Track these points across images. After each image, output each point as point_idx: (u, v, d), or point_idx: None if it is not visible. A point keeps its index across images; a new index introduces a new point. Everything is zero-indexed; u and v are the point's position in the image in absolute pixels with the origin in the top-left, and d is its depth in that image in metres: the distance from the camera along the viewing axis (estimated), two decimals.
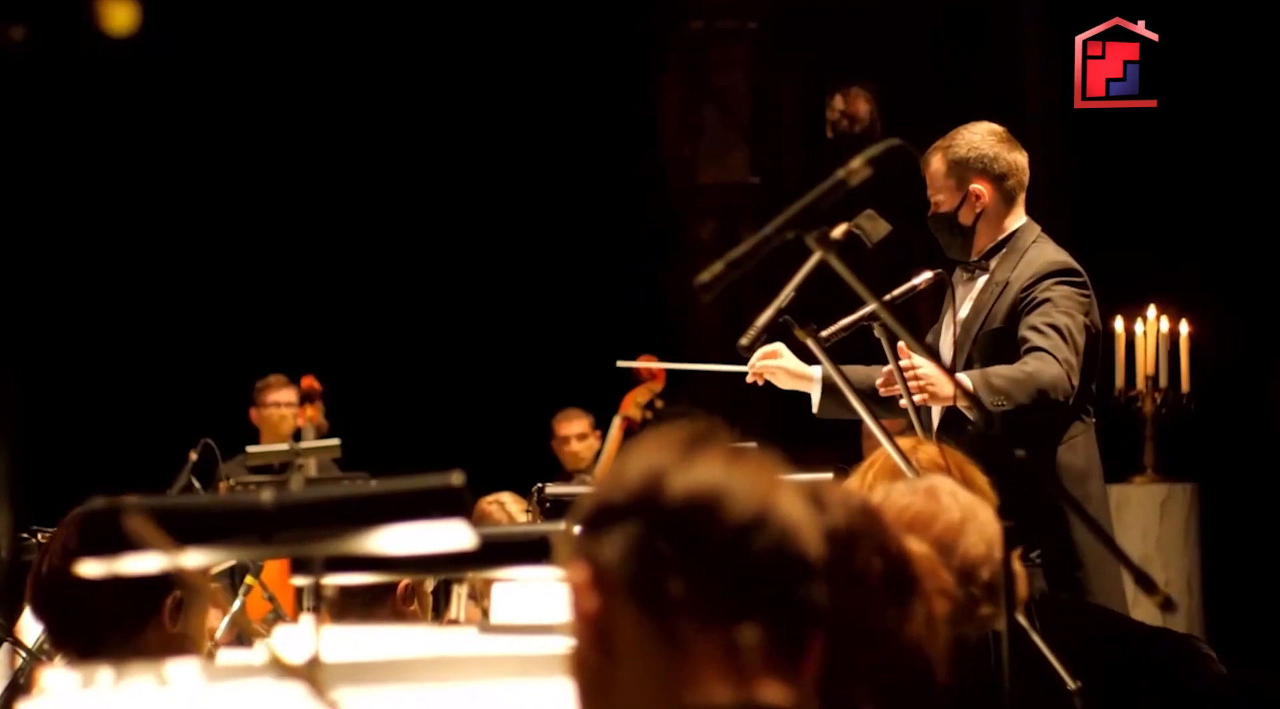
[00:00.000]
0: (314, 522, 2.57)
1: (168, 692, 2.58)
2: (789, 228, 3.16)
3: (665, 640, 1.90)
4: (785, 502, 1.95)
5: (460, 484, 2.56)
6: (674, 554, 1.90)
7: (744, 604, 1.91)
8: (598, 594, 1.94)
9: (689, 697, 1.90)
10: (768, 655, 1.92)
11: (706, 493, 1.92)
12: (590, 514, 1.98)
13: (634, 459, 1.97)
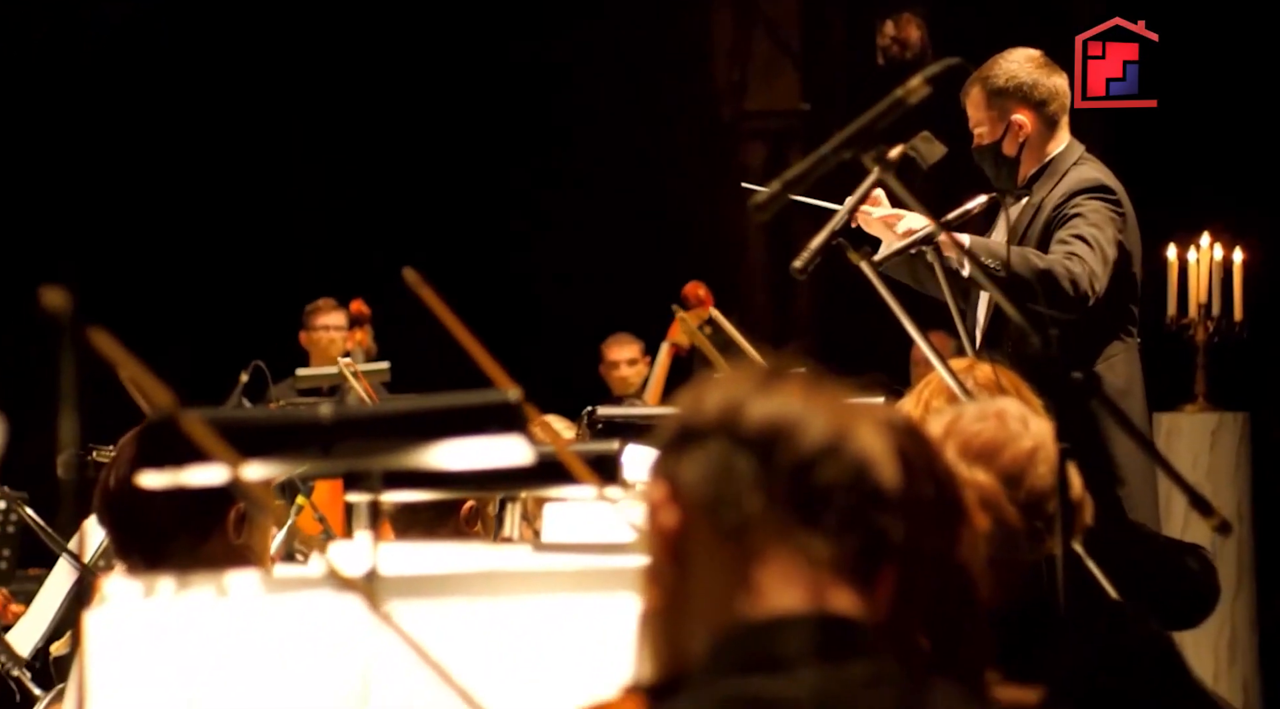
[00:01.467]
0: (371, 435, 2.59)
1: (227, 602, 2.61)
2: (846, 147, 3.15)
3: (738, 554, 1.95)
4: (863, 433, 1.99)
5: (518, 399, 2.57)
6: (751, 473, 1.96)
7: (817, 525, 1.95)
8: (675, 511, 1.99)
9: (760, 605, 1.94)
10: (840, 572, 1.96)
11: (783, 419, 1.97)
12: (671, 435, 2.03)
13: (715, 388, 2.03)
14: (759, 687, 1.89)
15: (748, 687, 1.89)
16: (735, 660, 1.92)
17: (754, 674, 1.90)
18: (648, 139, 11.68)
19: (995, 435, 3.10)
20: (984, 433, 3.09)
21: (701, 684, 1.92)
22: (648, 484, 2.05)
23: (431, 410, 2.60)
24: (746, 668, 1.91)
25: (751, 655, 1.92)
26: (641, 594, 2.04)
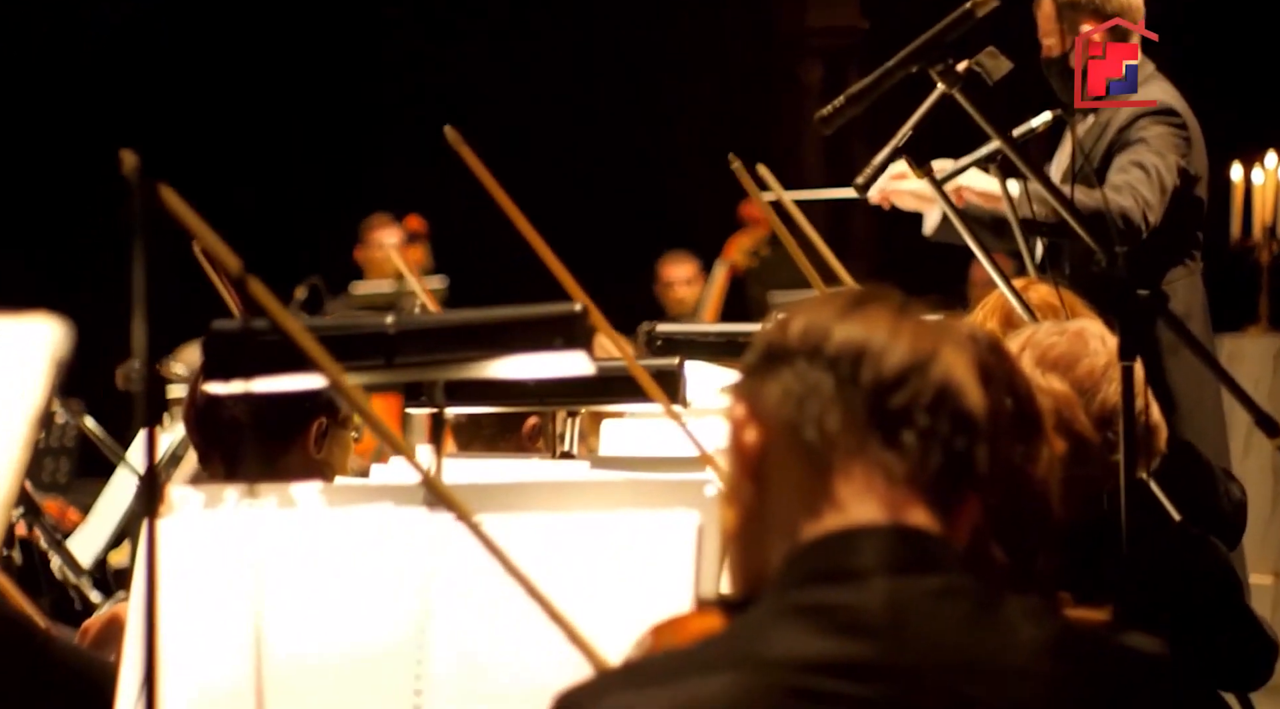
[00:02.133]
0: (435, 347, 2.58)
1: (291, 512, 2.61)
2: (913, 61, 3.11)
3: (816, 470, 1.96)
4: (948, 357, 1.99)
5: (582, 312, 2.56)
6: (832, 390, 1.96)
7: (899, 442, 1.96)
8: (756, 428, 2.00)
9: (834, 519, 1.95)
10: (919, 490, 1.96)
11: (867, 341, 1.98)
12: (755, 357, 2.04)
13: (801, 309, 2.04)
14: (830, 595, 1.90)
15: (818, 595, 1.90)
16: (808, 570, 1.93)
17: (826, 583, 1.91)
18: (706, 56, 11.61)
19: (1071, 348, 3.11)
20: (1060, 345, 3.11)
21: (774, 594, 1.93)
22: (729, 404, 2.05)
23: (495, 322, 2.59)
24: (819, 578, 1.92)
25: (825, 565, 1.92)
26: (724, 513, 2.05)
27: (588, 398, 3.75)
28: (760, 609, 1.92)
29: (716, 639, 1.93)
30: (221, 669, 2.52)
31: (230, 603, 2.56)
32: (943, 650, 1.88)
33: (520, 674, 2.51)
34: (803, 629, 1.88)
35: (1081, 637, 1.97)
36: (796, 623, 1.88)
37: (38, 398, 1.79)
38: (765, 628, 1.89)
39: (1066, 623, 1.99)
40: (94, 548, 5.85)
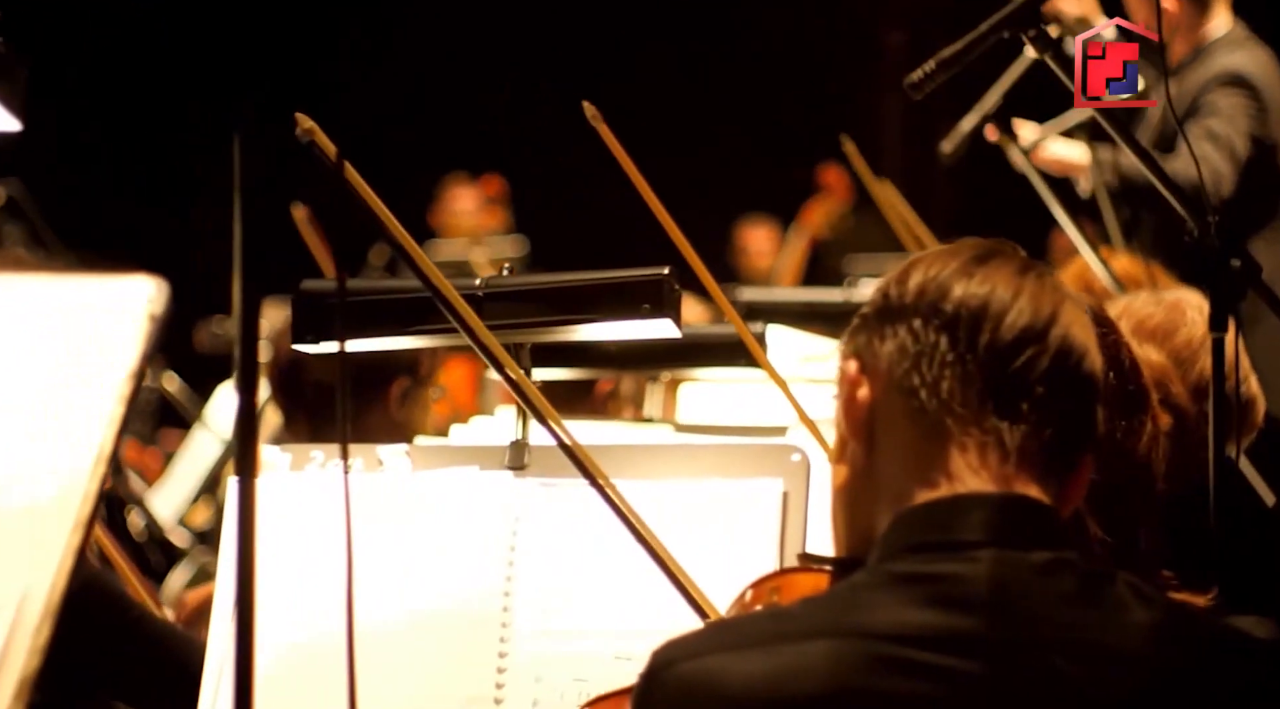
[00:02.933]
0: (524, 309, 2.57)
1: (378, 474, 2.62)
2: (1006, 26, 3.07)
3: (928, 434, 1.92)
4: (1071, 320, 1.95)
5: (670, 277, 2.54)
6: (949, 352, 1.92)
7: (1014, 410, 1.91)
8: (868, 386, 1.96)
9: (944, 486, 1.91)
10: (1034, 461, 1.92)
11: (989, 300, 1.93)
12: (870, 311, 2.00)
13: (920, 264, 1.98)
14: (934, 565, 1.86)
15: (923, 565, 1.87)
16: (914, 538, 1.89)
17: (931, 553, 1.87)
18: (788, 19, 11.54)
19: (1168, 318, 3.07)
20: (1157, 315, 3.07)
21: (879, 560, 1.90)
22: (841, 358, 2.01)
23: (585, 285, 2.58)
24: (925, 547, 1.88)
25: (931, 534, 1.89)
26: (831, 470, 2.01)
27: (670, 363, 3.75)
28: (863, 575, 1.89)
29: (817, 603, 1.90)
30: (308, 630, 2.53)
31: (317, 563, 2.57)
32: (1046, 627, 1.84)
33: (604, 637, 2.51)
34: (905, 599, 1.84)
35: (1190, 621, 1.93)
36: (899, 592, 1.85)
37: (135, 354, 1.79)
38: (867, 596, 1.86)
39: (1175, 606, 1.94)
40: (174, 504, 5.90)
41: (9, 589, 1.72)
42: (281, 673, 2.50)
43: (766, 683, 1.80)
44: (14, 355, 1.85)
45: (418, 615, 2.53)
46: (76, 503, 1.76)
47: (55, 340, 1.84)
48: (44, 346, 1.84)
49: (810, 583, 1.99)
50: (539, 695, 2.48)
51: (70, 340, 1.83)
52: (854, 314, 2.05)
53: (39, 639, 1.69)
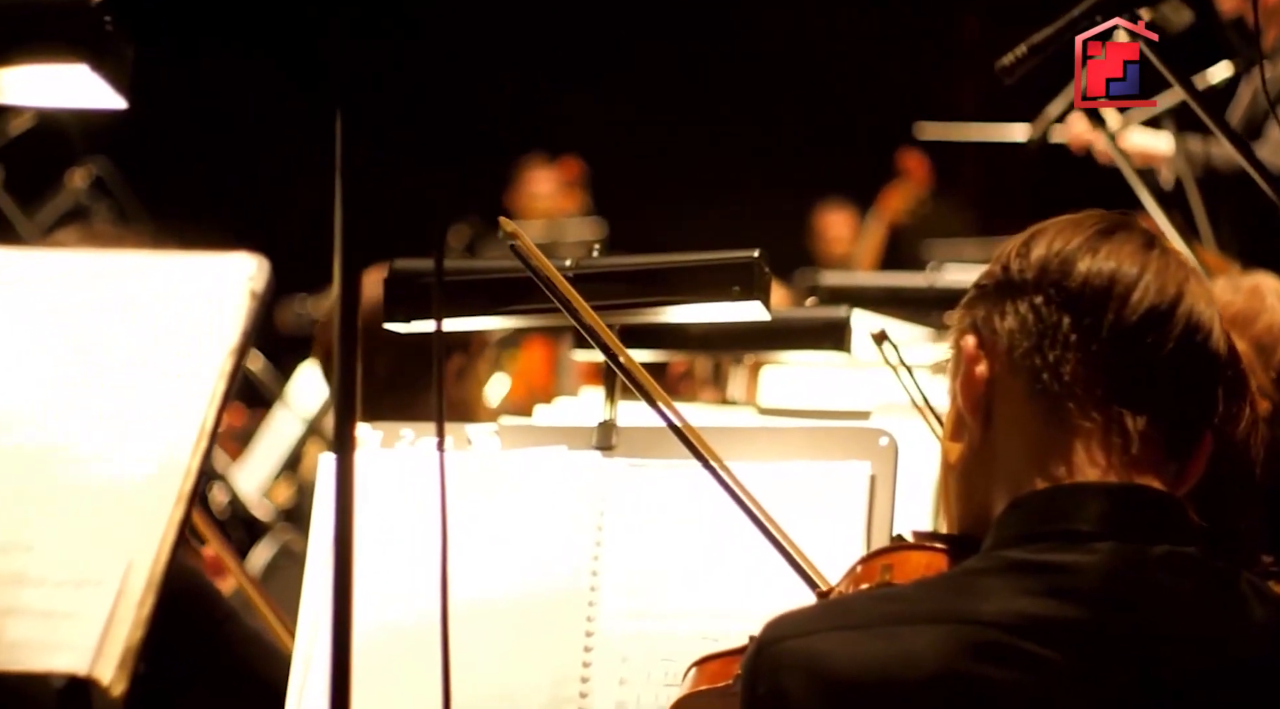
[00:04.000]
0: (613, 290, 2.58)
1: (467, 452, 2.63)
2: (1100, 11, 3.05)
3: (1048, 417, 1.89)
4: (1196, 297, 1.91)
5: (761, 258, 2.54)
6: (1072, 333, 1.89)
7: (1138, 394, 1.88)
8: (987, 363, 1.93)
9: (1063, 473, 1.88)
10: (1156, 447, 1.89)
11: (1114, 278, 1.89)
12: (989, 283, 1.96)
13: (1043, 235, 1.94)
14: (1050, 555, 1.83)
15: (1039, 553, 1.83)
16: (1031, 526, 1.86)
17: (1048, 541, 1.84)
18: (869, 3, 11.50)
19: (1248, 304, 3.05)
20: (1236, 302, 3.05)
21: (994, 546, 1.87)
22: (958, 329, 1.97)
23: (674, 267, 2.58)
24: (1041, 536, 1.85)
25: (1048, 523, 1.85)
26: (945, 445, 1.98)
27: (753, 345, 3.75)
28: (977, 561, 1.87)
29: (929, 587, 1.88)
30: (395, 607, 2.55)
31: (406, 541, 2.58)
32: (1160, 625, 1.81)
33: (691, 617, 2.51)
34: (1018, 588, 1.81)
35: None
36: (1012, 581, 1.82)
37: (238, 331, 1.81)
38: (980, 582, 1.83)
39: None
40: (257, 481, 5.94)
41: (113, 561, 1.75)
42: (371, 649, 2.51)
43: (874, 667, 1.78)
44: (119, 331, 1.87)
45: (505, 594, 2.54)
46: (179, 477, 1.78)
47: (159, 316, 1.86)
48: (148, 322, 1.87)
49: (923, 561, 1.96)
50: (625, 674, 2.49)
51: (174, 317, 1.85)
52: (937, 299, 2.02)
53: (143, 611, 1.72)
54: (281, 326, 7.47)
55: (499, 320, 2.76)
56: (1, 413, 1.85)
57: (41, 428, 1.84)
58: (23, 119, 5.36)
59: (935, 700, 1.78)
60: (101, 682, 1.70)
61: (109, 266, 1.93)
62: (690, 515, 2.56)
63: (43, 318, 1.89)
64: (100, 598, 1.74)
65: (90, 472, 1.81)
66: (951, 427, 1.97)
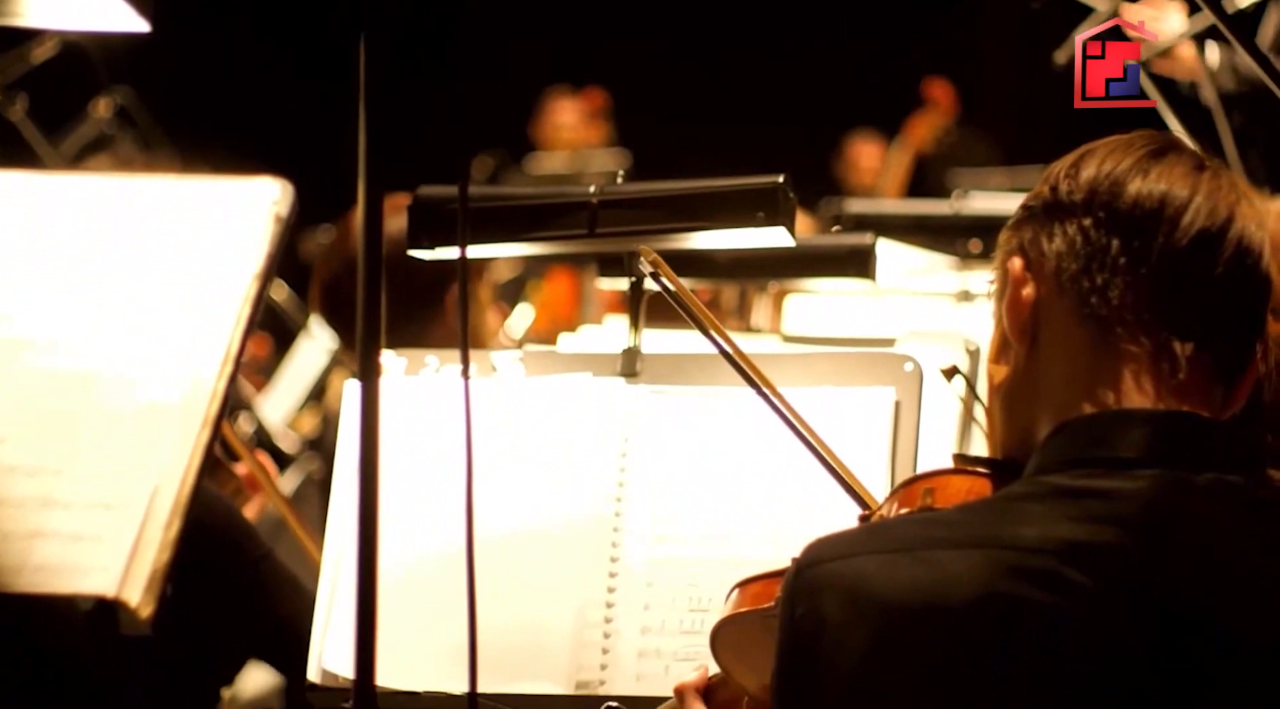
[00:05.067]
0: (638, 217, 2.57)
1: (492, 379, 2.64)
2: None
3: (1095, 341, 1.86)
4: (1247, 220, 1.88)
5: (785, 185, 2.53)
6: (1121, 256, 1.86)
7: (1187, 319, 1.86)
8: (1034, 285, 1.90)
9: (1109, 399, 1.85)
10: (1203, 372, 1.87)
11: (1165, 200, 1.87)
12: (1037, 204, 1.93)
13: (1093, 156, 1.91)
14: (1094, 482, 1.80)
15: (1082, 479, 1.81)
16: (1075, 452, 1.83)
17: (1092, 467, 1.82)
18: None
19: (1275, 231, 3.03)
20: None
21: (1037, 471, 1.85)
22: (1004, 251, 1.94)
23: (699, 193, 2.57)
24: (1085, 461, 1.82)
25: (1093, 449, 1.83)
26: (990, 368, 1.96)
27: (778, 273, 3.74)
28: (1020, 486, 1.85)
29: (970, 512, 1.86)
30: (421, 533, 2.56)
31: (432, 467, 2.59)
32: (1201, 553, 1.79)
33: (715, 542, 2.52)
34: (1060, 514, 1.79)
35: None
36: (1055, 506, 1.80)
37: (262, 255, 1.81)
38: (1022, 508, 1.81)
39: None
40: (281, 413, 5.95)
41: (140, 485, 1.76)
42: (396, 577, 2.52)
43: (914, 590, 1.77)
44: (143, 256, 1.87)
45: (530, 520, 2.55)
46: (205, 401, 1.78)
47: (183, 241, 1.86)
48: (172, 247, 1.87)
49: (965, 485, 1.94)
50: (650, 600, 2.50)
51: (198, 241, 1.85)
52: (962, 227, 2.00)
53: (169, 533, 1.73)
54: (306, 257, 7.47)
55: (523, 247, 2.75)
56: (28, 337, 1.86)
57: (68, 352, 1.84)
58: (46, 48, 5.35)
59: (975, 624, 1.76)
60: (129, 604, 1.71)
61: (134, 191, 1.93)
62: (713, 441, 2.57)
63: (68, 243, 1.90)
64: (127, 521, 1.74)
65: (117, 396, 1.81)
66: (996, 349, 1.95)
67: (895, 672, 1.77)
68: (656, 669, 2.46)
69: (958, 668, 1.76)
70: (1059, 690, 1.76)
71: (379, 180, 1.71)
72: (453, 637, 2.45)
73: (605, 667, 2.48)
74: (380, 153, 1.68)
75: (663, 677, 2.43)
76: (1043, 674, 1.76)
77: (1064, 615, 1.76)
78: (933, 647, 1.77)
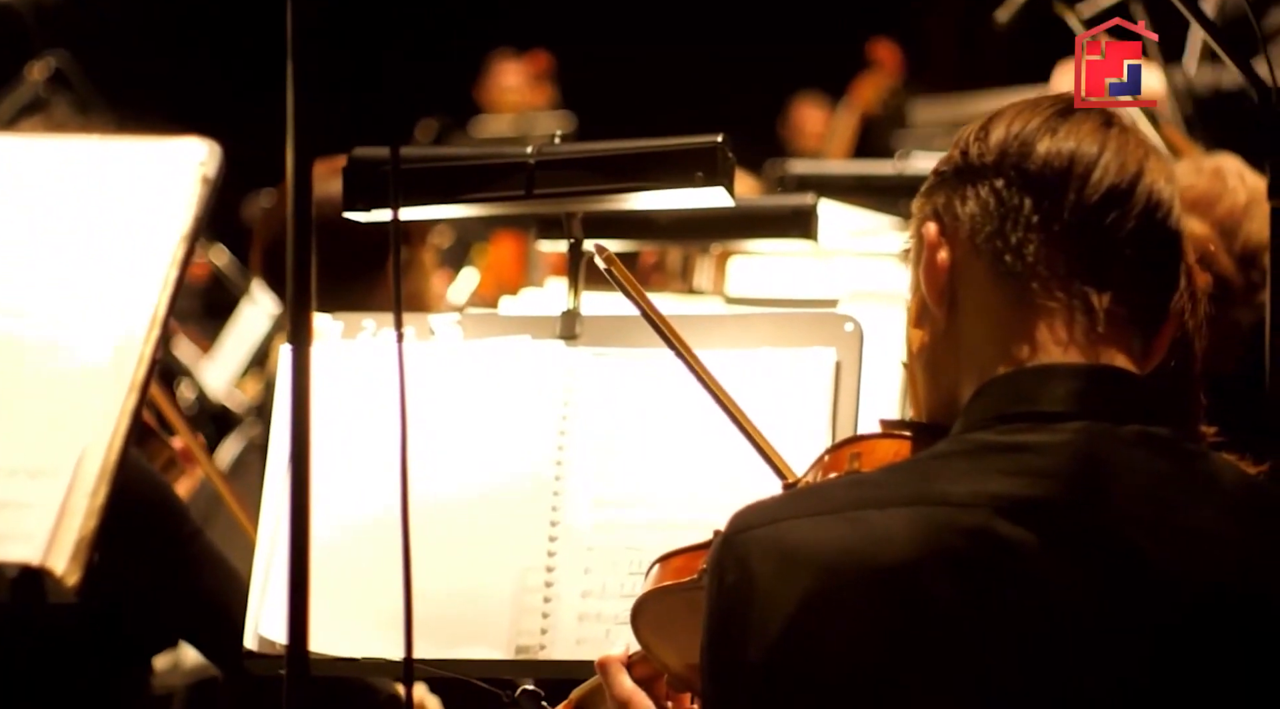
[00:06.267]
0: (576, 177, 2.55)
1: (429, 343, 2.61)
2: None
3: (1013, 299, 1.88)
4: (1156, 174, 1.91)
5: (724, 143, 2.51)
6: (1034, 214, 1.88)
7: (1102, 272, 1.87)
8: (949, 249, 1.92)
9: (1030, 355, 1.87)
10: (1121, 325, 1.88)
11: (1074, 157, 1.89)
12: (948, 169, 1.95)
13: (1001, 118, 1.93)
14: (1020, 436, 1.82)
15: (1009, 435, 1.82)
16: (1000, 408, 1.85)
17: (1017, 423, 1.83)
18: None
19: (1210, 187, 3.04)
20: (1199, 185, 3.04)
21: (963, 430, 1.86)
22: (919, 217, 1.96)
23: (637, 153, 2.55)
24: (1010, 417, 1.84)
25: (1017, 404, 1.84)
26: (910, 333, 1.97)
27: (720, 234, 3.72)
28: (946, 445, 1.85)
29: (898, 472, 1.86)
30: (359, 499, 2.54)
31: (369, 432, 2.57)
32: (1131, 503, 1.80)
33: (656, 505, 2.51)
34: (989, 469, 1.80)
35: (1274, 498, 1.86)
36: (982, 462, 1.81)
37: (189, 217, 1.78)
38: (949, 465, 1.82)
39: (1267, 488, 1.87)
40: (223, 379, 5.92)
41: (66, 451, 1.73)
42: (333, 542, 2.50)
43: (844, 550, 1.77)
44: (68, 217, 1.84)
45: (469, 484, 2.54)
46: (132, 365, 1.76)
47: (108, 203, 1.83)
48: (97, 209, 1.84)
49: (892, 449, 1.95)
50: (590, 563, 2.49)
51: (123, 203, 1.82)
52: (905, 187, 2.01)
53: (96, 501, 1.70)
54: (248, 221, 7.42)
55: (460, 209, 2.73)
56: None
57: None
58: None
59: (910, 582, 1.77)
60: (55, 571, 1.68)
61: (58, 151, 1.90)
62: (654, 404, 2.55)
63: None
64: (53, 487, 1.72)
65: (42, 359, 1.78)
66: (915, 315, 1.96)
67: (826, 631, 1.77)
68: (597, 633, 2.45)
69: (891, 625, 1.76)
70: (999, 643, 1.76)
71: (308, 143, 1.69)
72: (392, 602, 2.43)
73: (545, 631, 2.46)
74: (308, 115, 1.65)
75: (603, 640, 2.42)
76: (981, 628, 1.76)
77: (1001, 570, 1.76)
78: (864, 605, 1.77)
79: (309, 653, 1.74)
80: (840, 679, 1.76)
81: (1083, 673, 1.77)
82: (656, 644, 2.09)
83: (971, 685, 1.76)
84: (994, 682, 1.76)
